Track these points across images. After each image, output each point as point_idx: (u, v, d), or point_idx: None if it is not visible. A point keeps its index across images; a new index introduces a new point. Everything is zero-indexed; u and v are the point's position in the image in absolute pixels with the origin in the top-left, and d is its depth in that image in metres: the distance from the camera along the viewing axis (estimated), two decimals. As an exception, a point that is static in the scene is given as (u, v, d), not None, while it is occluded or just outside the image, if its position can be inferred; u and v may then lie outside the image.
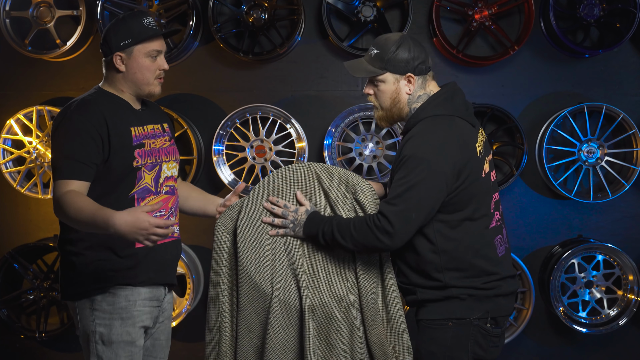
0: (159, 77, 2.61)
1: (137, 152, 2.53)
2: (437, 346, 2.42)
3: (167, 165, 2.64)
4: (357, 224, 2.38)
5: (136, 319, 2.55)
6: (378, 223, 2.32)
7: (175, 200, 2.68)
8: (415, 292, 2.47)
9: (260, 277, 2.53)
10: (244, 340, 2.54)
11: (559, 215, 4.18)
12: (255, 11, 4.01)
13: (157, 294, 2.62)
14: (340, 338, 2.49)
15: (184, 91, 4.18)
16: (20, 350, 4.26)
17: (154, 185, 2.59)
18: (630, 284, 4.04)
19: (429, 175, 2.31)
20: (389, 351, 2.49)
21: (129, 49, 2.54)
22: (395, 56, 2.42)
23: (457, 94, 2.49)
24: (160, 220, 2.27)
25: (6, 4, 4.05)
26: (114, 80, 2.60)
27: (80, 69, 4.19)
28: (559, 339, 4.20)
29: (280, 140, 4.06)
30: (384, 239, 2.32)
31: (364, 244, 2.37)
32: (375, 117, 2.55)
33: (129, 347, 2.54)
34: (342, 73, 4.17)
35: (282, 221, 2.53)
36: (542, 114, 4.13)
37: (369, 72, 2.46)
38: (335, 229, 2.40)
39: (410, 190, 2.31)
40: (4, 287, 4.07)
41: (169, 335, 2.77)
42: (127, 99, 2.61)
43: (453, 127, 2.40)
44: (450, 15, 4.11)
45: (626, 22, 4.00)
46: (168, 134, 2.70)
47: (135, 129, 2.56)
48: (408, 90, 2.45)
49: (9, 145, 4.07)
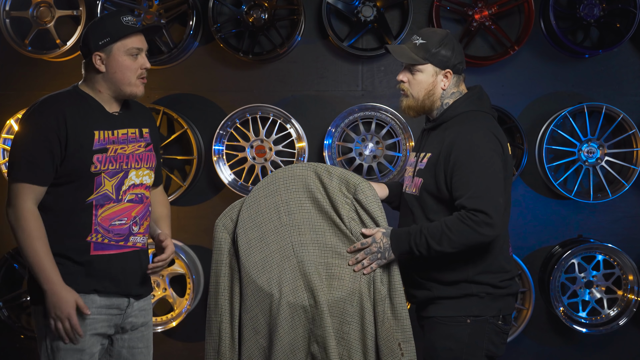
0: (141, 77, 2.51)
1: (97, 157, 2.43)
2: (454, 342, 2.45)
3: (137, 172, 2.53)
4: (452, 225, 2.37)
5: (87, 327, 2.44)
6: (476, 219, 2.34)
7: (142, 209, 2.55)
8: (430, 288, 2.50)
9: (266, 279, 2.53)
10: (250, 341, 2.54)
11: (559, 215, 4.18)
12: (255, 11, 4.01)
13: (116, 303, 2.51)
14: (352, 333, 2.51)
15: (184, 91, 4.18)
16: (20, 350, 4.25)
17: (114, 193, 2.47)
18: (630, 284, 4.03)
19: (492, 160, 2.39)
20: (395, 348, 2.50)
21: (108, 47, 2.46)
22: (439, 51, 2.50)
23: (486, 97, 2.59)
24: (76, 325, 2.36)
25: (6, 4, 4.05)
26: (93, 80, 2.51)
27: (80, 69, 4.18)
28: (559, 339, 4.20)
29: (280, 140, 4.06)
30: (486, 231, 2.34)
31: (464, 243, 2.38)
32: (403, 106, 2.59)
33: (77, 355, 2.44)
34: (342, 73, 4.17)
35: (370, 257, 2.51)
36: (542, 114, 4.13)
37: (413, 60, 2.51)
38: (429, 238, 2.40)
39: (487, 179, 2.36)
40: (4, 287, 4.07)
41: (149, 342, 2.66)
42: (103, 101, 2.51)
43: (490, 121, 2.52)
44: (450, 15, 4.11)
45: (626, 22, 4.00)
46: (146, 139, 2.58)
47: (100, 133, 2.45)
48: (443, 85, 2.53)
49: (9, 145, 4.07)
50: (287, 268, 2.54)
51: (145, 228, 2.58)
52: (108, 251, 2.47)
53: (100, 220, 2.45)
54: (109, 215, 2.46)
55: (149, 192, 2.60)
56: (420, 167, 2.55)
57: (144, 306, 2.62)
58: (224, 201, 4.16)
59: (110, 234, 2.47)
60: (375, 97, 4.15)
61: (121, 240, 2.49)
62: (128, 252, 2.52)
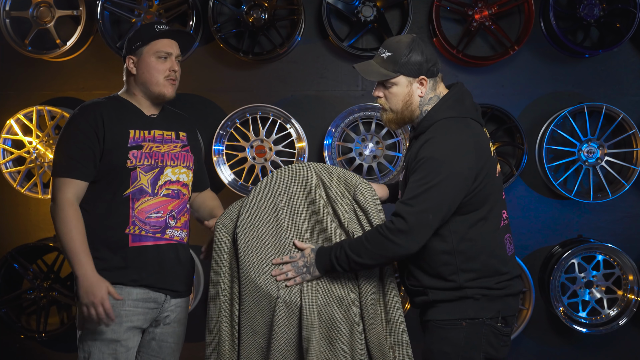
0: (169, 78, 2.67)
1: (132, 152, 2.60)
2: (450, 346, 2.41)
3: (173, 170, 2.68)
4: (370, 235, 2.36)
5: (123, 319, 2.56)
6: (391, 226, 2.31)
7: (179, 204, 2.70)
8: (427, 293, 2.47)
9: (264, 279, 2.53)
10: (248, 342, 2.54)
11: (559, 215, 4.18)
12: (255, 11, 4.01)
13: (153, 297, 2.63)
14: (340, 338, 2.49)
15: (184, 91, 4.18)
16: (20, 350, 4.26)
17: (150, 187, 2.62)
18: (630, 284, 4.03)
19: (448, 177, 2.30)
20: (388, 351, 2.49)
21: (139, 50, 2.65)
22: (409, 59, 2.41)
23: (466, 95, 2.49)
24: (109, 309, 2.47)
25: (6, 4, 4.05)
26: (129, 85, 2.71)
27: (80, 69, 4.19)
28: (559, 339, 4.20)
29: (280, 140, 4.06)
30: (401, 240, 2.30)
31: (381, 253, 2.34)
32: (384, 120, 2.52)
33: (114, 346, 2.56)
34: (342, 73, 4.17)
35: (295, 270, 2.51)
36: (542, 114, 4.13)
37: (383, 76, 2.44)
38: (347, 250, 2.38)
39: (429, 192, 2.30)
40: (4, 287, 4.07)
41: (179, 339, 2.78)
42: (141, 105, 2.70)
43: (468, 129, 2.41)
44: (450, 15, 4.11)
45: (626, 22, 4.00)
46: (182, 142, 2.76)
47: (135, 132, 2.63)
48: (420, 92, 2.45)
49: (9, 145, 4.07)
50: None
51: (183, 223, 2.72)
52: (145, 242, 2.60)
53: (137, 213, 2.59)
54: (145, 208, 2.60)
55: (186, 189, 2.74)
56: (400, 179, 2.55)
57: (181, 303, 2.75)
58: (224, 201, 4.12)
59: (147, 226, 2.60)
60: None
61: (158, 232, 2.62)
62: (165, 244, 2.65)
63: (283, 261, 2.53)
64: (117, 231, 2.57)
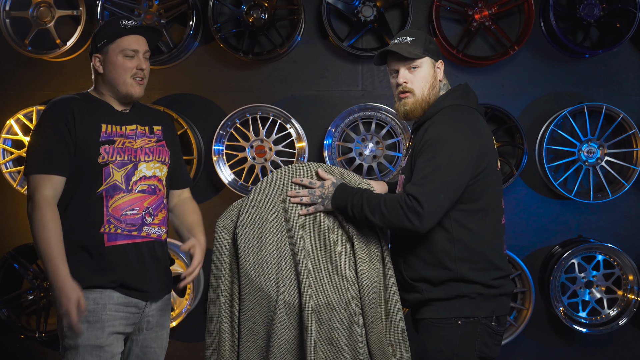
0: (136, 77, 2.56)
1: (104, 148, 2.50)
2: (445, 344, 2.42)
3: (147, 165, 2.59)
4: (389, 201, 2.36)
5: (105, 323, 2.47)
6: (409, 203, 2.32)
7: (155, 200, 2.60)
8: (421, 291, 2.47)
9: (264, 279, 2.53)
10: (248, 342, 2.54)
11: (559, 215, 4.18)
12: (255, 11, 4.01)
13: (134, 302, 2.54)
14: (340, 339, 2.49)
15: (184, 91, 4.18)
16: (20, 350, 4.26)
17: (124, 183, 2.52)
18: (630, 284, 4.03)
19: (455, 157, 2.35)
20: (388, 350, 2.49)
21: (105, 48, 2.55)
22: (430, 42, 2.53)
23: (472, 92, 2.58)
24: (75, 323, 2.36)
25: (6, 4, 4.05)
26: (97, 83, 2.62)
27: (80, 69, 4.19)
28: (559, 339, 4.20)
29: (280, 140, 4.06)
30: (414, 219, 2.32)
31: (393, 222, 2.36)
32: (409, 106, 2.54)
33: (97, 352, 2.46)
34: (342, 73, 4.17)
35: (311, 197, 2.53)
36: (542, 114, 4.13)
37: (414, 55, 2.50)
38: (365, 203, 2.40)
39: (438, 172, 2.33)
40: (4, 287, 4.07)
41: (163, 342, 2.70)
42: (110, 102, 2.60)
43: (474, 116, 2.48)
44: (450, 15, 4.11)
45: (626, 22, 4.00)
46: (157, 136, 2.66)
47: (107, 126, 2.54)
48: (440, 76, 2.56)
49: (9, 145, 4.07)
50: (285, 268, 2.54)
51: (161, 220, 2.62)
52: (121, 241, 2.51)
53: (111, 211, 2.49)
54: (120, 205, 2.51)
55: (162, 184, 2.64)
56: (403, 164, 2.57)
57: (162, 306, 2.66)
58: (224, 201, 4.16)
59: (122, 224, 2.51)
60: (375, 97, 4.15)
61: (134, 230, 2.53)
62: (142, 242, 2.56)
63: (302, 183, 2.55)
64: (92, 231, 2.47)
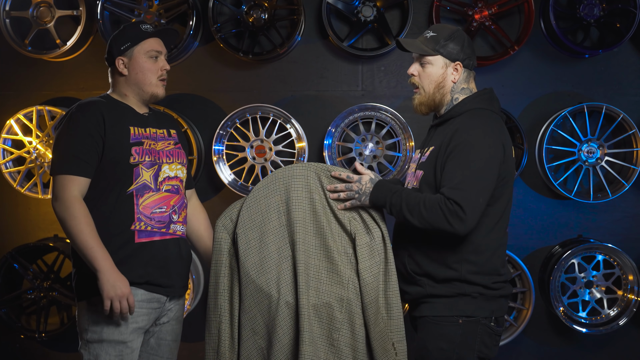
0: (161, 78, 2.70)
1: (134, 149, 2.60)
2: (446, 342, 2.43)
3: (170, 166, 2.69)
4: (428, 203, 2.37)
5: (129, 320, 2.56)
6: (451, 207, 2.33)
7: (179, 199, 2.71)
8: (423, 285, 2.48)
9: (265, 279, 2.53)
10: (248, 342, 2.54)
11: (559, 215, 4.18)
12: (255, 11, 4.01)
13: (157, 297, 2.63)
14: (341, 339, 2.49)
15: (184, 91, 4.18)
16: (20, 350, 4.26)
17: (153, 183, 2.63)
18: (630, 284, 4.03)
19: (488, 160, 2.37)
20: (389, 348, 2.50)
21: (129, 51, 2.66)
22: (448, 43, 2.51)
23: (496, 98, 2.58)
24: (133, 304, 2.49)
25: (6, 4, 4.06)
26: (119, 85, 2.70)
27: (80, 69, 4.19)
28: (559, 339, 4.20)
29: (280, 140, 4.06)
30: (455, 224, 2.33)
31: (432, 224, 2.37)
32: (416, 102, 2.57)
33: (120, 347, 2.56)
34: (342, 73, 4.17)
35: (347, 193, 2.54)
36: (542, 114, 4.13)
37: (422, 50, 2.52)
38: (404, 204, 2.41)
39: (474, 176, 2.35)
40: (4, 287, 4.07)
41: (177, 336, 2.79)
42: (132, 104, 2.69)
43: (499, 122, 2.50)
44: (450, 15, 4.11)
45: (626, 22, 4.00)
46: (174, 139, 2.77)
47: (134, 129, 2.63)
48: (453, 78, 2.53)
49: (9, 145, 4.07)
50: (285, 269, 2.54)
51: (184, 218, 2.74)
52: (151, 238, 2.60)
53: (142, 209, 2.59)
54: (150, 203, 2.61)
55: (182, 185, 2.76)
56: (422, 160, 2.56)
57: (179, 301, 2.77)
58: (224, 201, 4.16)
59: (153, 221, 2.60)
60: (375, 97, 4.15)
61: (163, 227, 2.63)
62: (170, 239, 2.66)
63: (340, 177, 2.56)
64: (123, 228, 2.56)
